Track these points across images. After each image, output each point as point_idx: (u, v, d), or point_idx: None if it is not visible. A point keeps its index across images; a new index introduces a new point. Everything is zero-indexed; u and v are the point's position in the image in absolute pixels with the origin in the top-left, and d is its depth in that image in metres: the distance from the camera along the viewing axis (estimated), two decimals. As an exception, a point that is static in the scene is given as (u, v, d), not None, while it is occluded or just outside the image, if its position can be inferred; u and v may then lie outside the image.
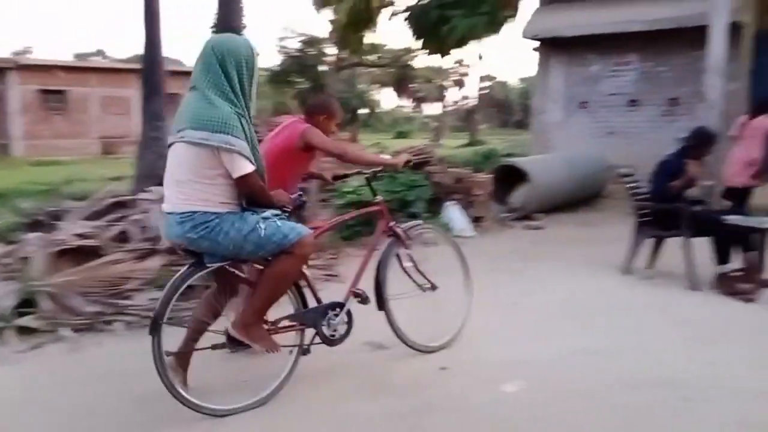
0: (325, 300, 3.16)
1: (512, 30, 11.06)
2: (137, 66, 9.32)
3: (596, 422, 2.77)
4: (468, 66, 46.40)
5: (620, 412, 2.85)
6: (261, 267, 2.88)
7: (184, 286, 2.76)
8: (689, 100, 10.27)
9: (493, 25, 4.41)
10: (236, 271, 2.93)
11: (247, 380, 3.15)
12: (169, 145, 2.76)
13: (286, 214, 2.88)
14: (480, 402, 2.97)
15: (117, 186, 7.24)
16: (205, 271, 2.80)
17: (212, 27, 15.70)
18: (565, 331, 3.92)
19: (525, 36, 11.09)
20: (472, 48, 4.57)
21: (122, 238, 4.84)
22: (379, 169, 3.59)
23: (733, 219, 4.74)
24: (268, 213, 2.79)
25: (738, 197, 5.87)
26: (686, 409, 2.87)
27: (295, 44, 34.70)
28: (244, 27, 9.01)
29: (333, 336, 3.12)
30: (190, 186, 2.66)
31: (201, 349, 2.90)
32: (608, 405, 2.91)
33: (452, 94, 62.79)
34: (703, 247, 4.79)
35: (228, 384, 3.14)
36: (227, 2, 7.26)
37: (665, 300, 4.52)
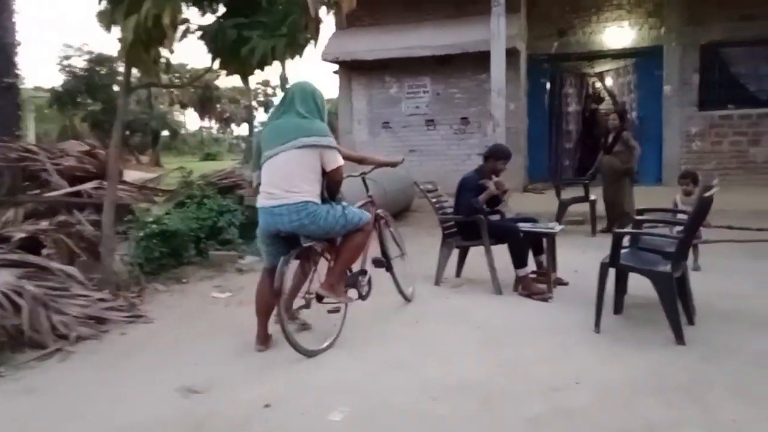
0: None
1: (315, 52, 11.13)
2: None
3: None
4: (274, 87, 46.44)
5: (429, 422, 2.91)
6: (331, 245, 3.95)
7: (290, 263, 3.75)
8: (478, 119, 11.25)
9: (293, 47, 4.33)
10: (319, 249, 3.94)
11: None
12: (267, 158, 3.71)
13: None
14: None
15: None
16: (303, 249, 3.84)
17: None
18: (379, 345, 3.95)
19: (324, 59, 11.32)
20: (276, 70, 4.46)
21: None
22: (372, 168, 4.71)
23: (525, 226, 5.20)
24: (342, 203, 3.87)
25: None
26: (486, 409, 3.01)
27: (81, 63, 31.91)
28: (19, 44, 8.02)
29: (364, 293, 4.24)
30: (302, 182, 3.63)
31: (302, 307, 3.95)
32: (418, 416, 2.96)
33: (260, 115, 62.13)
34: (505, 253, 5.15)
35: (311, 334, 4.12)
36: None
37: (469, 306, 4.76)
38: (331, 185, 3.80)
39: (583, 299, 4.71)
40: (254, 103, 66.05)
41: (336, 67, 12.03)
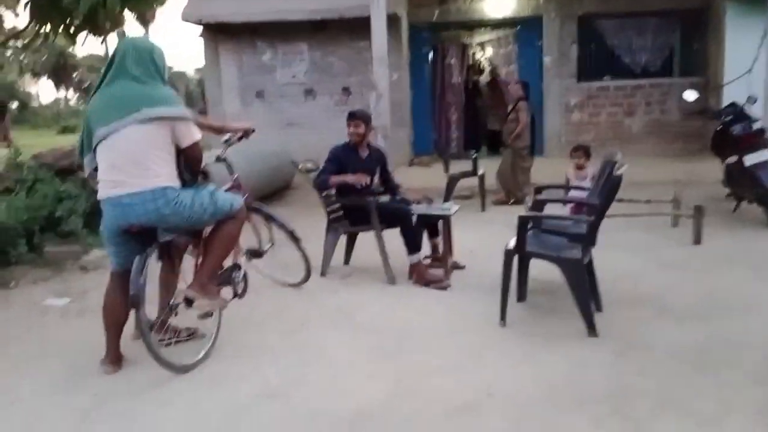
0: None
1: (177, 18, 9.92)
2: None
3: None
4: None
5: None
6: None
7: (147, 263, 3.03)
8: (360, 89, 10.60)
9: (138, 2, 3.42)
10: (182, 243, 3.36)
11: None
12: (103, 137, 2.94)
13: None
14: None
15: None
16: (163, 244, 3.19)
17: None
18: (251, 363, 3.27)
19: (186, 19, 10.10)
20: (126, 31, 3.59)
21: None
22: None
23: (419, 208, 4.68)
24: (210, 186, 3.27)
25: None
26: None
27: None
28: None
29: (240, 291, 3.63)
30: (155, 164, 2.94)
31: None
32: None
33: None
34: (398, 236, 4.59)
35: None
36: None
37: (361, 302, 4.18)
38: (190, 164, 3.14)
39: (483, 285, 4.31)
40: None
41: (200, 30, 10.83)
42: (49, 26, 3.98)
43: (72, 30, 3.99)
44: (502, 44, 12.02)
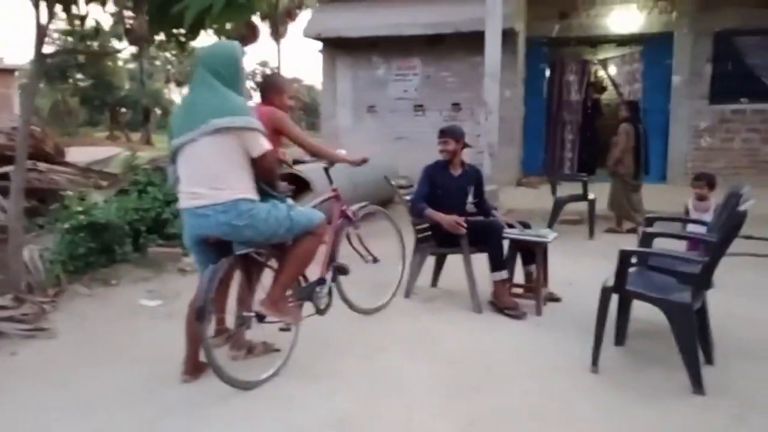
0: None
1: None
2: None
3: None
4: (273, 68, 45.09)
5: None
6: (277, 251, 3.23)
7: (219, 276, 2.97)
8: (470, 105, 10.38)
9: (234, 8, 3.47)
10: (260, 257, 3.24)
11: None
12: (177, 149, 2.96)
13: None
14: None
15: None
16: (235, 259, 3.12)
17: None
18: (320, 387, 3.13)
19: (306, 35, 10.40)
20: (262, 45, 3.72)
21: None
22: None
23: (512, 232, 4.39)
24: (288, 201, 3.19)
25: None
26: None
27: (71, 37, 30.85)
28: None
29: (323, 307, 3.55)
30: (226, 175, 2.89)
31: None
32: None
33: (257, 97, 60.87)
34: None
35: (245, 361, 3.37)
36: None
37: (442, 329, 3.95)
38: (262, 176, 3.03)
39: (578, 322, 3.96)
40: (252, 84, 65.00)
41: (321, 45, 11.11)
42: (162, 35, 4.12)
43: (183, 38, 4.10)
44: (627, 62, 11.31)
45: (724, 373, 3.28)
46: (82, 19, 4.52)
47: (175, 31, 4.16)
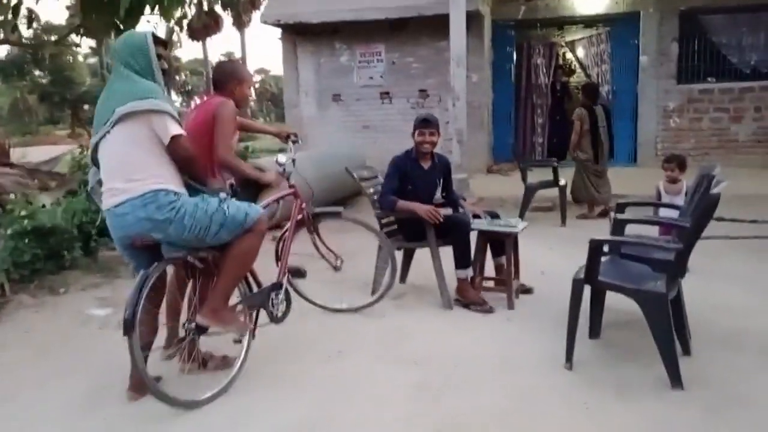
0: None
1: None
2: None
3: None
4: (238, 59, 44.33)
5: None
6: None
7: (150, 284, 2.68)
8: (438, 91, 10.18)
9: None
10: (195, 261, 2.91)
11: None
12: (95, 149, 2.77)
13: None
14: None
15: None
16: (167, 264, 2.86)
17: None
18: (277, 397, 2.93)
19: (264, 21, 10.07)
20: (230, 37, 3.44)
21: None
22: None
23: (480, 223, 4.22)
24: (220, 195, 2.83)
25: None
26: None
27: (26, 32, 29.85)
28: None
29: (279, 315, 3.29)
30: (142, 165, 2.65)
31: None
32: None
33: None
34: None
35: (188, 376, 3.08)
36: None
37: (409, 328, 3.76)
38: (179, 165, 2.76)
39: (551, 314, 3.81)
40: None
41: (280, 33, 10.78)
42: (96, 22, 3.83)
43: (121, 26, 3.82)
44: (594, 43, 11.20)
45: (701, 364, 3.14)
46: (15, 8, 4.20)
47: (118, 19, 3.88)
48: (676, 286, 3.17)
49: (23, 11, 4.04)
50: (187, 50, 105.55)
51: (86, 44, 32.67)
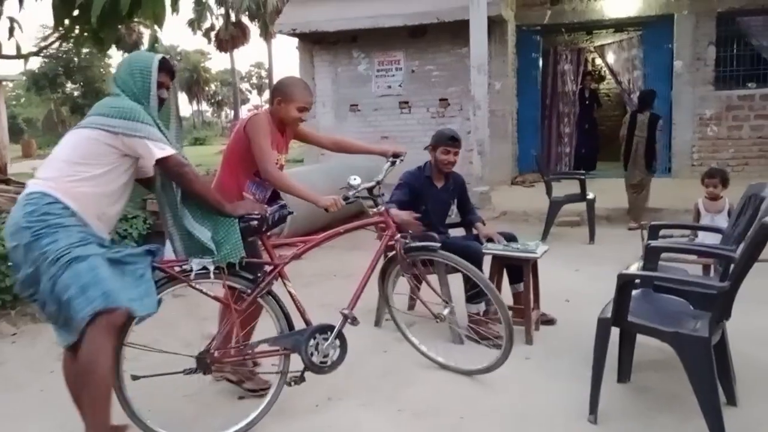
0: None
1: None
2: None
3: None
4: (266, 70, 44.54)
5: None
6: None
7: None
8: (459, 100, 9.78)
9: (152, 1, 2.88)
10: None
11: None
12: None
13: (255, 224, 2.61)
14: None
15: None
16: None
17: None
18: None
19: (279, 31, 9.80)
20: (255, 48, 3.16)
21: None
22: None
23: (494, 248, 3.80)
24: (129, 250, 2.40)
25: None
26: None
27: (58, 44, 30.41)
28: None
29: (323, 362, 2.73)
30: (68, 167, 2.27)
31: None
32: None
33: (254, 98, 61.04)
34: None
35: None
36: None
37: (412, 368, 3.35)
38: (176, 182, 2.48)
39: (575, 350, 3.40)
40: (248, 86, 64.44)
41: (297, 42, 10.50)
42: (69, 28, 3.54)
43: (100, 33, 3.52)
44: (625, 48, 10.65)
45: (749, 417, 2.69)
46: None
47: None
48: (721, 328, 2.71)
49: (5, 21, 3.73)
50: (217, 61, 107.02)
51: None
